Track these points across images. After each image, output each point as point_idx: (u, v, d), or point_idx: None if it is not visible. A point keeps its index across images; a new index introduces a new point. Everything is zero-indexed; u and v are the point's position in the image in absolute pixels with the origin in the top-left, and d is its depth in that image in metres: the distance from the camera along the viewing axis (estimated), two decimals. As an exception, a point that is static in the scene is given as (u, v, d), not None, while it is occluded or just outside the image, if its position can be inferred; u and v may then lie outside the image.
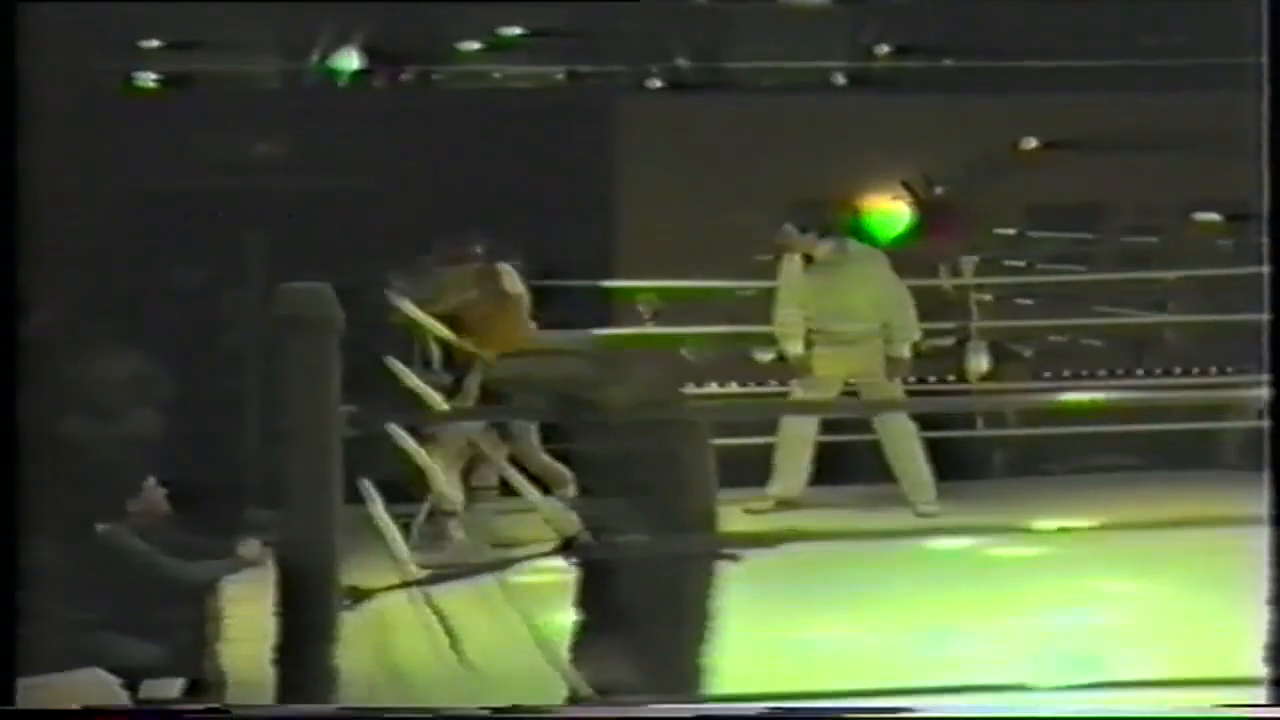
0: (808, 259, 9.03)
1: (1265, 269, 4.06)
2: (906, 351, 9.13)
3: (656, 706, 4.60)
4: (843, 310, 9.04)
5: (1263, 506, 3.98)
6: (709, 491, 4.93)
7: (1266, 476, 4.00)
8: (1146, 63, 12.63)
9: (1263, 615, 4.00)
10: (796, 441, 9.09)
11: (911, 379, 9.45)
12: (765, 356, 10.08)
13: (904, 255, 11.94)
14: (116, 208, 11.82)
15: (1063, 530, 6.56)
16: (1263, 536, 3.98)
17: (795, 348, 9.09)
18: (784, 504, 9.07)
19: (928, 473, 9.10)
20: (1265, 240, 4.03)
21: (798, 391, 9.12)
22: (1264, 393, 4.01)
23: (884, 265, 9.24)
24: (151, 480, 6.73)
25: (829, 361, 9.07)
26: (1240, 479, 4.50)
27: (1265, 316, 4.05)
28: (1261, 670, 4.04)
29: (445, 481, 8.13)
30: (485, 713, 4.20)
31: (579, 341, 8.56)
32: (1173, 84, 12.08)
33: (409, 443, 7.51)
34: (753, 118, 12.92)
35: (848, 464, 9.58)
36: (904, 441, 9.04)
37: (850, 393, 9.08)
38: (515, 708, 4.23)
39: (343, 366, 3.98)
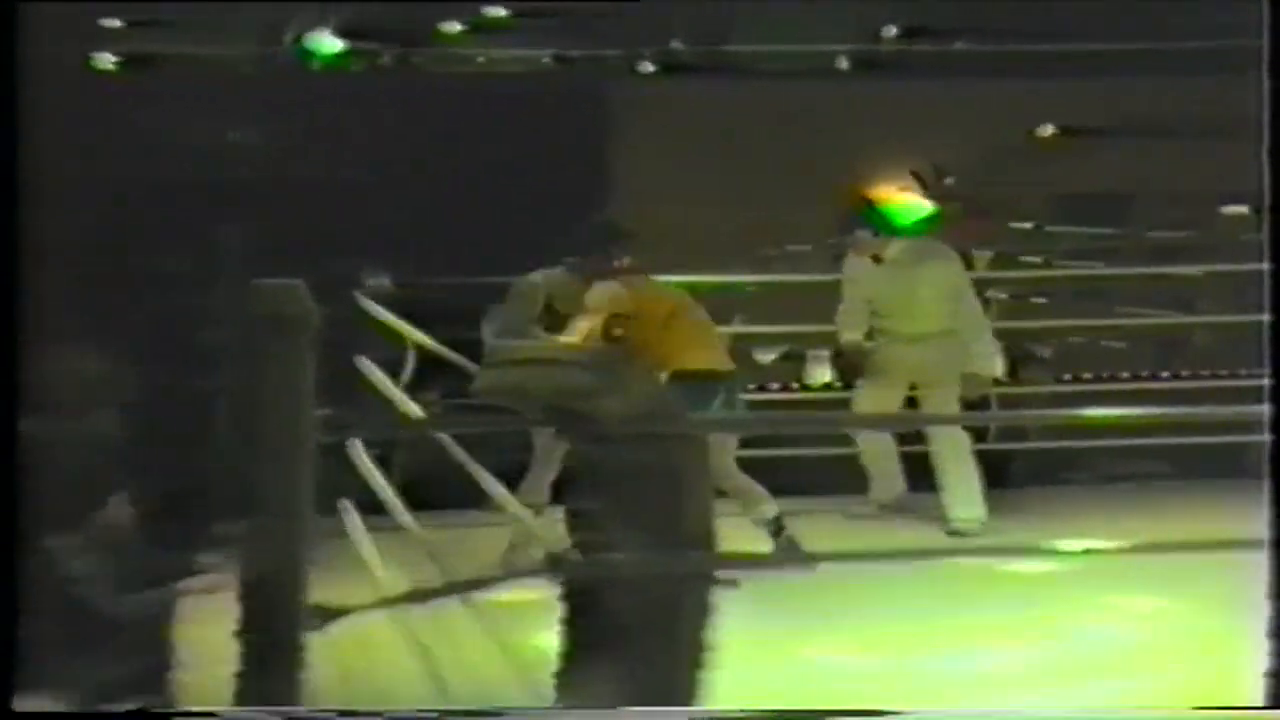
0: (876, 259, 8.97)
1: (1266, 266, 4.05)
2: (992, 367, 9.04)
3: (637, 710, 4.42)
4: (908, 308, 8.94)
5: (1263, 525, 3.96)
6: (707, 508, 4.71)
7: (1267, 489, 3.98)
8: (1173, 44, 12.32)
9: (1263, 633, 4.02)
10: (878, 446, 9.01)
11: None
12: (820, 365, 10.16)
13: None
14: (85, 197, 11.39)
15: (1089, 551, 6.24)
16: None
17: (854, 335, 9.02)
18: (884, 507, 9.02)
19: (978, 490, 8.85)
20: (1266, 240, 4.04)
21: (863, 391, 9.01)
22: (1265, 396, 4.00)
23: (954, 265, 9.10)
24: (119, 496, 6.43)
25: (893, 360, 8.95)
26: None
27: (1265, 317, 4.05)
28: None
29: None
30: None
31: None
32: (1201, 67, 11.78)
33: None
34: (752, 103, 12.53)
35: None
36: (956, 455, 8.82)
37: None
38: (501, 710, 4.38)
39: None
